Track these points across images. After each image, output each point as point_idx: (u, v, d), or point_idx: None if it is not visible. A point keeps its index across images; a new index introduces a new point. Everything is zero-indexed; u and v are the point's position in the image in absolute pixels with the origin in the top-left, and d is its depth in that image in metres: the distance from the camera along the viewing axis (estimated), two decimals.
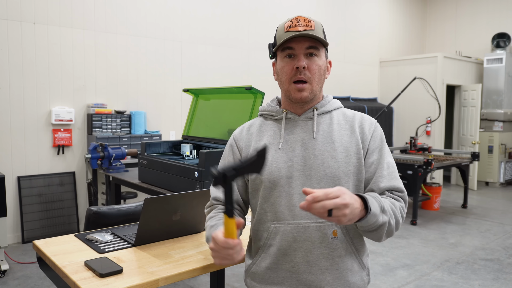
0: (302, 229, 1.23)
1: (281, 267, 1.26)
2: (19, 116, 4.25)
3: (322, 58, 1.28)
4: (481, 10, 8.44)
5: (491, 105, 7.81)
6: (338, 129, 1.30)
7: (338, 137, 1.28)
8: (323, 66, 1.29)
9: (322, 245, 1.23)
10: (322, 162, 1.25)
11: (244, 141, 1.37)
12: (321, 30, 1.28)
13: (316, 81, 1.27)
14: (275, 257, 1.27)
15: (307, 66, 1.25)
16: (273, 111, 1.36)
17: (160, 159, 3.03)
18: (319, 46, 1.27)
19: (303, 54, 1.25)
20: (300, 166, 1.26)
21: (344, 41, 7.52)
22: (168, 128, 5.37)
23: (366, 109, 7.24)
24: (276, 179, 1.26)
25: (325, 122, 1.31)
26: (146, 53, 5.12)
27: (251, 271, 1.34)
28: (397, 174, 1.31)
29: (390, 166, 1.30)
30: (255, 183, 1.32)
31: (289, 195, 1.25)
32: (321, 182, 1.24)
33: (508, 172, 7.81)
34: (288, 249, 1.25)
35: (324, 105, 1.34)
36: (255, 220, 1.34)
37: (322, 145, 1.27)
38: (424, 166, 5.01)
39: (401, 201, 1.27)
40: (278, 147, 1.29)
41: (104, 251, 1.56)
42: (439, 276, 3.56)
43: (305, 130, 1.30)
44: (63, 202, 4.51)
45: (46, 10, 4.34)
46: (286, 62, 1.27)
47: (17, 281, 3.30)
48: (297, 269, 1.24)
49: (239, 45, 5.99)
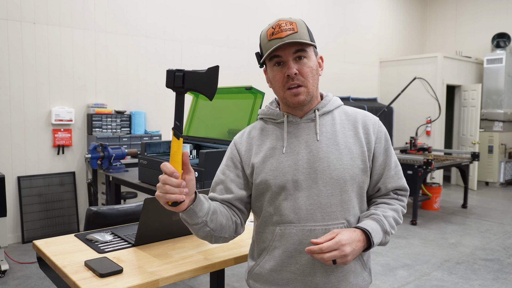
0: (308, 232, 1.23)
1: (286, 269, 1.26)
2: (19, 116, 4.25)
3: (311, 58, 1.25)
4: (481, 10, 8.44)
5: (491, 105, 7.81)
6: (341, 129, 1.29)
7: (342, 139, 1.27)
8: (315, 65, 1.26)
9: None
10: (328, 165, 1.23)
11: (244, 146, 1.35)
12: (305, 29, 1.24)
13: (311, 82, 1.25)
14: (280, 259, 1.26)
15: (298, 70, 1.22)
16: (274, 114, 1.34)
17: (160, 159, 3.03)
18: (306, 48, 1.23)
19: (291, 60, 1.21)
20: (305, 169, 1.24)
21: (344, 41, 7.52)
22: (168, 128, 5.37)
23: (366, 109, 7.23)
24: (282, 184, 1.24)
25: (327, 123, 1.30)
26: (146, 53, 5.12)
27: (254, 273, 1.33)
28: (401, 172, 1.37)
29: (396, 165, 1.35)
30: (260, 188, 1.29)
31: (294, 198, 1.24)
32: (327, 185, 1.23)
33: (508, 172, 7.81)
34: (294, 251, 1.24)
35: (325, 105, 1.32)
36: (259, 223, 1.33)
37: (327, 147, 1.25)
38: (424, 166, 5.01)
39: (403, 201, 1.36)
40: (282, 152, 1.27)
41: (104, 251, 1.56)
42: (439, 276, 3.56)
43: (308, 132, 1.28)
44: (63, 202, 4.51)
45: (46, 10, 4.34)
46: (276, 71, 1.24)
47: (17, 281, 3.30)
48: (302, 271, 1.24)
49: (239, 45, 5.99)
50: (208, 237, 1.25)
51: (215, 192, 1.35)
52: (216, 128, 3.17)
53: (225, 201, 1.32)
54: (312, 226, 1.23)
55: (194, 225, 1.20)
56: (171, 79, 1.08)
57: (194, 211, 1.16)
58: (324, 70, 7.29)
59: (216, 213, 1.24)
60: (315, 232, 1.22)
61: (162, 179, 1.10)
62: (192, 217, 1.17)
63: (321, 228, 1.22)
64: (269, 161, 1.28)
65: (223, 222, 1.26)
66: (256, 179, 1.29)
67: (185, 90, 1.11)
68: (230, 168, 1.34)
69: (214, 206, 1.24)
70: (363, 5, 7.83)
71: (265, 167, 1.27)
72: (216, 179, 1.37)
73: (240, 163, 1.34)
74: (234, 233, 1.32)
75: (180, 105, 1.08)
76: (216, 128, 3.17)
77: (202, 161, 2.62)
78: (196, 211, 1.17)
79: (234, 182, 1.32)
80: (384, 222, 1.24)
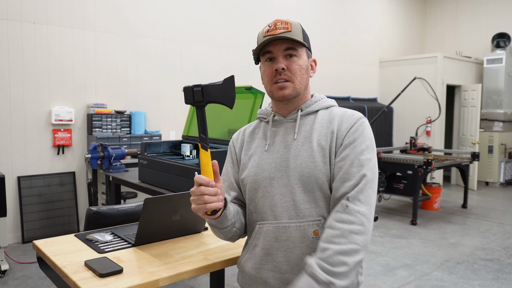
0: (283, 229, 1.25)
1: (264, 267, 1.28)
2: (19, 116, 4.25)
3: (302, 57, 1.29)
4: (481, 10, 8.44)
5: (491, 105, 7.81)
6: (319, 128, 1.28)
7: (316, 137, 1.27)
8: (304, 65, 1.29)
9: (303, 244, 1.23)
10: (300, 163, 1.25)
11: (239, 143, 1.43)
12: (300, 30, 1.28)
13: (299, 79, 1.28)
14: (259, 257, 1.29)
15: (287, 66, 1.26)
16: (265, 113, 1.40)
17: (160, 159, 3.03)
18: (297, 47, 1.27)
19: (281, 56, 1.26)
20: (281, 167, 1.27)
21: (344, 41, 7.52)
22: (168, 128, 5.37)
23: (366, 109, 7.24)
24: (259, 180, 1.29)
25: (308, 122, 1.31)
26: (146, 53, 5.12)
27: (240, 270, 1.39)
28: (368, 162, 1.18)
29: (361, 163, 1.18)
30: (243, 184, 1.36)
31: (271, 195, 1.27)
32: (299, 183, 1.24)
33: (508, 172, 7.81)
34: (270, 249, 1.26)
35: (309, 105, 1.33)
36: (247, 220, 1.38)
37: (301, 145, 1.27)
38: (424, 166, 5.01)
39: (358, 205, 1.13)
40: (264, 149, 1.33)
41: (104, 251, 1.55)
42: (439, 276, 3.56)
43: (289, 131, 1.31)
44: (63, 202, 4.51)
45: (46, 10, 4.34)
46: (267, 66, 1.30)
47: (17, 281, 3.30)
48: (280, 268, 1.26)
49: (239, 45, 5.99)
50: (235, 236, 1.35)
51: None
52: (216, 128, 3.17)
53: (235, 199, 1.40)
54: (287, 223, 1.24)
55: (223, 228, 1.28)
56: (190, 95, 1.11)
57: (225, 216, 1.25)
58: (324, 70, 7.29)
59: (239, 213, 1.34)
60: (289, 229, 1.24)
61: (200, 191, 1.13)
62: (223, 222, 1.26)
63: (296, 225, 1.24)
64: (253, 158, 1.34)
65: (243, 220, 1.36)
66: (241, 175, 1.36)
67: (205, 103, 1.16)
68: (231, 165, 1.43)
69: (235, 207, 1.33)
70: (363, 5, 7.83)
71: (248, 164, 1.34)
72: (222, 176, 1.45)
73: (236, 160, 1.42)
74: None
75: (202, 119, 1.11)
76: (216, 128, 3.17)
77: None
78: (227, 215, 1.25)
79: (235, 179, 1.41)
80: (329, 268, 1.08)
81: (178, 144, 3.36)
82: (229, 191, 1.41)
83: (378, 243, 4.33)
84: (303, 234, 1.23)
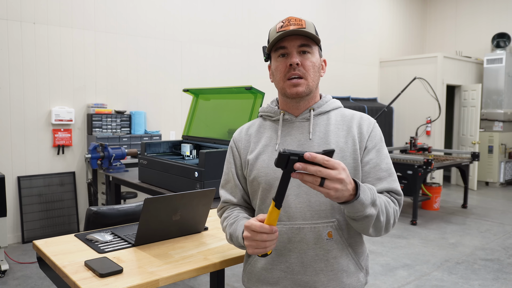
0: (297, 230, 1.23)
1: (276, 268, 1.27)
2: (19, 116, 4.25)
3: (315, 55, 1.28)
4: (481, 10, 8.44)
5: (491, 105, 7.81)
6: (335, 130, 1.29)
7: (334, 138, 1.27)
8: (317, 63, 1.29)
9: (317, 246, 1.23)
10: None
11: (243, 142, 1.38)
12: (313, 28, 1.28)
13: (312, 77, 1.27)
14: (270, 258, 1.27)
15: (301, 62, 1.24)
16: (271, 112, 1.36)
17: (160, 159, 3.03)
18: (311, 44, 1.26)
19: (296, 52, 1.24)
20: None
21: (344, 41, 7.52)
22: (168, 128, 5.37)
23: (366, 109, 7.24)
24: (272, 181, 1.26)
25: (322, 123, 1.30)
26: (146, 53, 5.12)
27: (247, 271, 1.36)
28: (396, 176, 1.29)
29: (389, 168, 1.28)
30: (253, 185, 1.32)
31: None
32: None
33: (508, 172, 7.81)
34: (283, 249, 1.25)
35: (321, 105, 1.33)
36: None
37: (318, 146, 1.26)
38: (424, 166, 5.01)
39: (396, 204, 1.25)
40: (275, 149, 1.29)
41: (104, 251, 1.56)
42: (439, 276, 3.56)
43: (301, 131, 1.29)
44: (63, 202, 4.51)
45: (46, 10, 4.34)
46: (280, 62, 1.27)
47: (17, 281, 3.30)
48: (292, 269, 1.25)
49: (239, 45, 5.99)
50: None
51: (225, 189, 1.41)
52: (216, 128, 3.17)
53: (242, 200, 1.39)
54: (301, 224, 1.23)
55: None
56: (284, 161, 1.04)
57: None
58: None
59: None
60: (304, 231, 1.23)
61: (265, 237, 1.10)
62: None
63: (310, 226, 1.22)
64: (261, 158, 1.30)
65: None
66: (250, 176, 1.33)
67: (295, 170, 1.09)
68: (233, 165, 1.39)
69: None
70: (363, 5, 7.83)
71: (257, 164, 1.30)
72: (224, 176, 1.43)
73: (240, 159, 1.38)
74: None
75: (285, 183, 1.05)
76: (216, 128, 3.17)
77: (202, 161, 2.62)
78: None
79: (239, 178, 1.39)
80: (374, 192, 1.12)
81: (178, 144, 3.36)
82: (235, 191, 1.38)
83: (378, 243, 4.33)
84: (317, 236, 1.22)
